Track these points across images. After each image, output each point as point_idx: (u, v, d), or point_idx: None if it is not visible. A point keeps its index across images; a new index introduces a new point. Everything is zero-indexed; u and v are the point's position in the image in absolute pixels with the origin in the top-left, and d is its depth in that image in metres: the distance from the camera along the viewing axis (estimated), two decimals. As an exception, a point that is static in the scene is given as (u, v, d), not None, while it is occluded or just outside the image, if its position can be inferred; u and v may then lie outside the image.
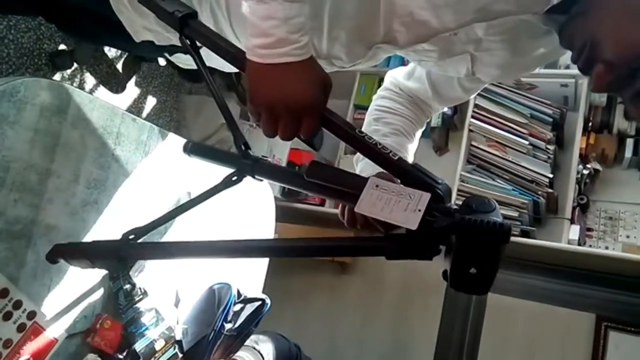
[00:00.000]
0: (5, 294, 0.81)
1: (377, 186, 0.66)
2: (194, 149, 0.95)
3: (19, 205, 0.85)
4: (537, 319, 2.41)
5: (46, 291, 0.89)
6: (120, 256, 0.83)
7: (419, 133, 1.10)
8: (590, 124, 2.36)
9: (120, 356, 0.96)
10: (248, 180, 0.80)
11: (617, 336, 2.25)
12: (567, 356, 2.30)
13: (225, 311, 1.16)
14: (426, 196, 0.63)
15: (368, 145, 0.71)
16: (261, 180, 0.81)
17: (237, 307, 1.19)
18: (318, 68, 0.74)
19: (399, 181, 0.71)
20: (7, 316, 0.81)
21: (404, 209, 0.62)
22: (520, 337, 2.40)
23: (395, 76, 1.10)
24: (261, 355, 1.12)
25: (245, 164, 0.77)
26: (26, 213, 0.86)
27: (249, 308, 1.20)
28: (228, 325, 1.14)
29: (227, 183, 0.79)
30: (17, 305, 0.82)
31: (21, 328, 0.83)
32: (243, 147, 0.80)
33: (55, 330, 0.88)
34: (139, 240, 0.84)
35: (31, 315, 0.84)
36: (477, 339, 2.42)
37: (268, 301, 1.25)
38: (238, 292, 1.20)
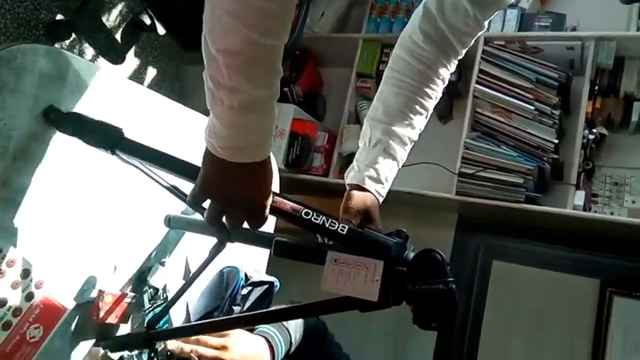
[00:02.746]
0: (12, 263, 0.81)
1: (335, 260, 0.72)
2: (174, 222, 1.07)
3: (22, 175, 0.84)
4: (541, 285, 2.42)
5: (54, 261, 0.89)
6: (152, 343, 0.92)
7: (430, 100, 1.04)
8: (596, 87, 2.32)
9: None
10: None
11: (621, 301, 2.26)
12: (572, 322, 2.32)
13: (233, 294, 1.16)
14: (380, 265, 0.70)
15: (315, 224, 0.76)
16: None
17: (245, 290, 1.19)
18: (271, 163, 0.74)
19: None
20: (16, 285, 0.81)
21: (364, 281, 0.70)
22: (525, 303, 2.42)
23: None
24: (287, 330, 1.12)
25: (223, 235, 0.84)
26: (29, 182, 0.85)
27: (257, 291, 1.20)
28: (236, 309, 1.14)
29: (214, 254, 0.86)
30: (26, 274, 0.82)
31: (29, 297, 0.83)
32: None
33: (64, 299, 0.88)
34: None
35: (39, 284, 0.84)
36: (481, 307, 2.44)
37: (277, 283, 1.25)
38: (246, 275, 1.20)
